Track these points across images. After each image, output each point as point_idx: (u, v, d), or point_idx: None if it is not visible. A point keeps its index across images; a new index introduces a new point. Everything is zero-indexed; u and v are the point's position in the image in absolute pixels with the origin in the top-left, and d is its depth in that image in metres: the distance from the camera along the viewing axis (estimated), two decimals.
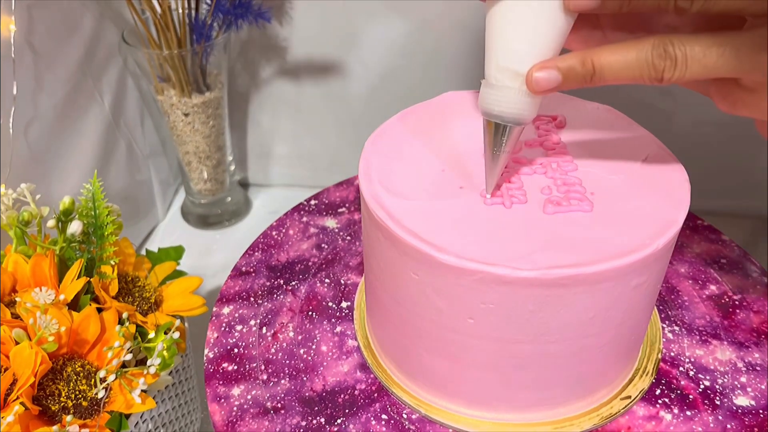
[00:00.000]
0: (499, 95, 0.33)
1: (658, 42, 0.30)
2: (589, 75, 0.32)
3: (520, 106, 0.33)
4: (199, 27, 0.60)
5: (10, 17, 0.50)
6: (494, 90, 0.33)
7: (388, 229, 0.34)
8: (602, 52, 0.31)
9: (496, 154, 0.35)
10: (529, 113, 0.34)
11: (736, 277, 0.48)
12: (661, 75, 0.31)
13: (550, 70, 0.32)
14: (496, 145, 0.35)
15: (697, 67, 0.30)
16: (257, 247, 0.52)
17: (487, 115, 0.34)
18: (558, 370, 0.36)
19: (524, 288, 0.32)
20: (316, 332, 0.45)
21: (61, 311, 0.39)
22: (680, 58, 0.30)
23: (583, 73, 0.32)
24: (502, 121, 0.34)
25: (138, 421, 0.41)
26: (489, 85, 0.34)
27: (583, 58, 0.31)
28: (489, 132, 0.35)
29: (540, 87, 0.32)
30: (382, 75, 0.69)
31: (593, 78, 0.32)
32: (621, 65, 0.31)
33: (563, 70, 0.32)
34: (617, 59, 0.31)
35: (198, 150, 0.68)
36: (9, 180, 0.51)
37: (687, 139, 0.67)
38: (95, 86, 0.62)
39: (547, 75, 0.32)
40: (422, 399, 0.40)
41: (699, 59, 0.30)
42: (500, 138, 0.34)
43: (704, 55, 0.30)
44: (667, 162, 0.38)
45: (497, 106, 0.33)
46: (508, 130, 0.34)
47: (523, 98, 0.33)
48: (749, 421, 0.39)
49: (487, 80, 0.34)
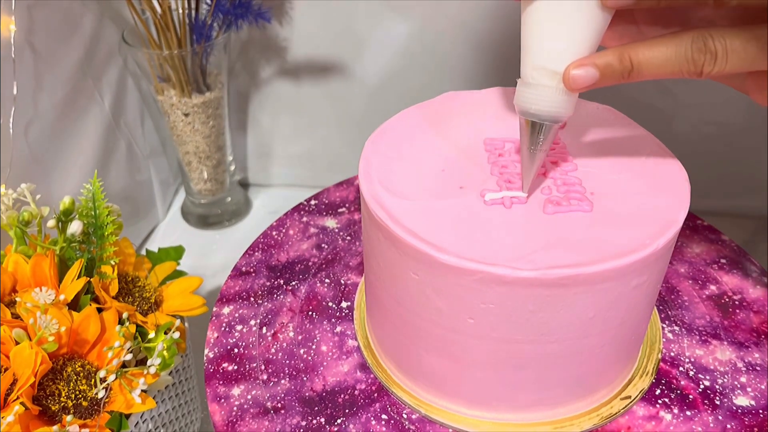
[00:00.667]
0: (536, 94, 0.33)
1: (697, 36, 0.30)
2: (627, 71, 0.32)
3: (557, 105, 0.33)
4: (199, 27, 0.60)
5: (10, 17, 0.50)
6: (531, 89, 0.33)
7: (388, 229, 0.34)
8: (640, 48, 0.31)
9: (533, 152, 0.35)
10: (566, 111, 0.34)
11: (736, 277, 0.48)
12: (701, 69, 0.30)
13: (587, 67, 0.32)
14: (533, 144, 0.35)
15: (737, 61, 0.30)
16: (257, 247, 0.52)
17: (525, 114, 0.34)
18: (558, 370, 0.36)
19: (524, 288, 0.32)
20: (316, 332, 0.45)
21: (61, 311, 0.39)
22: (720, 51, 0.30)
23: (621, 70, 0.32)
24: (539, 119, 0.34)
25: (138, 421, 0.41)
26: (525, 84, 0.34)
27: (620, 55, 0.31)
28: (526, 131, 0.35)
29: (577, 84, 0.32)
30: (382, 75, 0.69)
31: (631, 74, 0.32)
32: (660, 60, 0.31)
33: (600, 66, 0.32)
34: (655, 55, 0.31)
35: (198, 150, 0.68)
36: (9, 180, 0.51)
37: (687, 139, 0.68)
38: (95, 86, 0.62)
39: (584, 72, 0.32)
40: (422, 399, 0.40)
41: (739, 52, 0.30)
42: (537, 136, 0.34)
43: (744, 49, 0.30)
44: (667, 162, 0.38)
45: (534, 104, 0.33)
46: (545, 129, 0.34)
47: (560, 96, 0.33)
48: (749, 421, 0.39)
49: (523, 79, 0.34)
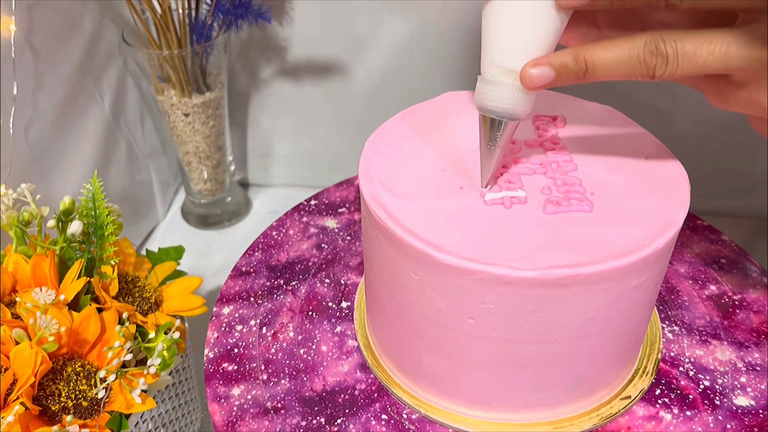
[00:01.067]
0: (494, 91, 0.34)
1: (649, 39, 0.30)
2: (581, 72, 0.32)
3: (514, 102, 0.34)
4: (199, 27, 0.60)
5: (10, 17, 0.50)
6: (489, 85, 0.34)
7: (388, 229, 0.34)
8: (595, 49, 0.32)
9: (491, 148, 0.35)
10: (523, 108, 0.34)
11: (736, 277, 0.48)
12: (653, 72, 0.31)
13: (543, 66, 0.32)
14: (491, 140, 0.35)
15: (688, 65, 0.30)
16: (257, 247, 0.52)
17: (482, 110, 0.35)
18: (558, 370, 0.36)
19: (524, 288, 0.32)
20: (316, 332, 0.45)
21: (62, 311, 0.39)
22: (671, 55, 0.30)
23: (576, 70, 0.32)
24: (497, 116, 0.35)
25: (138, 421, 0.41)
26: (484, 81, 0.34)
27: (576, 55, 0.32)
28: (484, 126, 0.35)
29: (533, 83, 0.33)
30: (383, 75, 0.69)
31: (586, 75, 0.32)
32: (613, 62, 0.31)
33: (556, 66, 0.32)
34: (609, 56, 0.31)
35: (198, 150, 0.68)
36: (9, 180, 0.51)
37: (687, 139, 0.67)
38: (95, 86, 0.62)
39: (540, 71, 0.32)
40: (422, 399, 0.40)
41: (690, 56, 0.30)
42: (495, 132, 0.35)
43: (695, 52, 0.30)
44: (667, 162, 0.38)
45: (491, 101, 0.34)
46: (502, 125, 0.35)
47: (517, 94, 0.33)
48: (749, 421, 0.39)
49: (482, 76, 0.34)
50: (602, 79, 0.32)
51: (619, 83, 0.60)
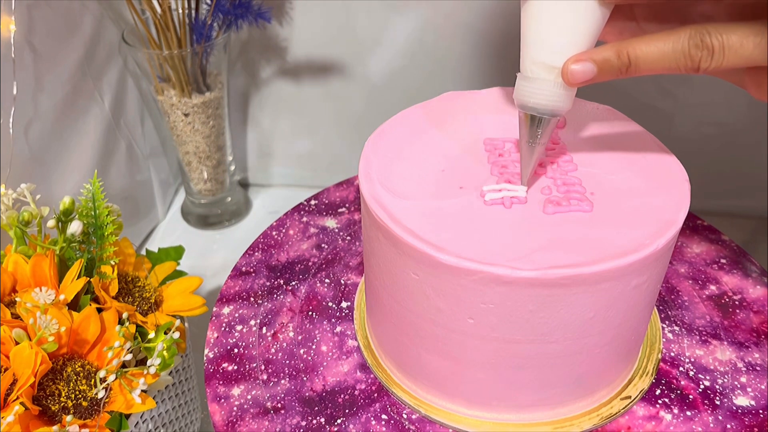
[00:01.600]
0: (535, 87, 0.34)
1: (694, 32, 0.30)
2: (624, 66, 0.32)
3: (555, 98, 0.34)
4: (199, 27, 0.60)
5: (10, 17, 0.50)
6: (529, 82, 0.34)
7: (388, 229, 0.34)
8: (638, 44, 0.31)
9: (532, 145, 0.35)
10: (564, 104, 0.34)
11: (736, 277, 0.48)
12: (698, 65, 0.31)
13: (585, 62, 0.32)
14: (531, 137, 0.35)
15: (734, 57, 0.30)
16: (257, 247, 0.52)
17: (523, 107, 0.35)
18: (558, 370, 0.36)
19: (524, 288, 0.32)
20: (316, 332, 0.45)
21: (61, 311, 0.39)
22: (717, 47, 0.30)
23: (619, 65, 0.32)
24: (537, 113, 0.34)
25: (138, 421, 0.41)
26: (524, 78, 0.34)
27: (618, 50, 0.32)
28: (525, 124, 0.35)
29: (575, 79, 0.32)
30: (383, 75, 0.69)
31: (629, 69, 0.32)
32: (656, 56, 0.31)
33: (599, 62, 0.32)
34: (652, 50, 0.31)
35: (198, 150, 0.68)
36: (9, 180, 0.51)
37: (687, 139, 0.68)
38: (95, 86, 0.62)
39: (582, 67, 0.32)
40: (422, 399, 0.40)
41: (736, 48, 0.30)
42: (536, 129, 0.35)
43: (741, 45, 0.30)
44: (667, 162, 0.38)
45: (532, 98, 0.34)
46: (543, 122, 0.35)
47: (558, 90, 0.33)
48: (749, 421, 0.39)
49: (522, 73, 0.34)
50: (645, 73, 0.32)
51: (620, 83, 0.60)
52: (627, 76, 0.32)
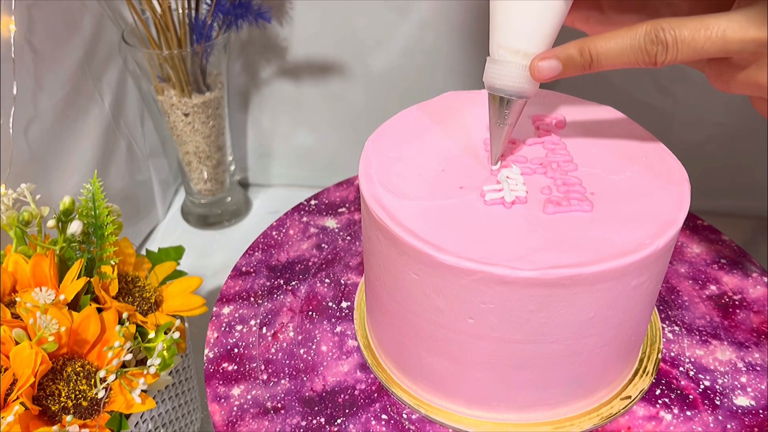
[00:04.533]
0: (501, 70, 0.36)
1: (650, 28, 0.32)
2: (587, 63, 0.34)
3: (521, 80, 0.35)
4: (199, 27, 0.60)
5: (10, 17, 0.50)
6: (497, 65, 0.36)
7: (388, 229, 0.34)
8: (598, 41, 0.33)
9: (500, 126, 0.37)
10: (529, 87, 0.36)
11: (736, 277, 0.48)
12: (654, 59, 0.32)
13: (550, 59, 0.34)
14: (499, 118, 0.37)
15: (687, 50, 0.32)
16: (257, 247, 0.52)
17: (491, 89, 0.37)
18: (558, 370, 0.36)
19: (524, 288, 0.32)
20: (316, 332, 0.45)
21: (61, 311, 0.39)
22: (671, 42, 0.32)
23: (582, 62, 0.34)
24: (505, 94, 0.36)
25: (138, 421, 0.41)
26: (492, 61, 0.36)
27: (580, 47, 0.34)
28: (493, 105, 0.37)
29: (542, 75, 0.35)
30: (382, 75, 0.69)
31: (591, 65, 0.34)
32: (616, 52, 0.33)
33: (563, 59, 0.34)
34: (612, 46, 0.33)
35: (198, 150, 0.68)
36: (9, 180, 0.51)
37: (687, 139, 0.68)
38: (95, 86, 0.62)
39: (548, 64, 0.34)
40: (422, 399, 0.40)
41: (688, 42, 0.31)
42: (503, 110, 0.37)
43: (693, 38, 0.31)
44: (667, 162, 0.38)
45: (499, 80, 0.36)
46: (510, 103, 0.36)
47: (523, 73, 0.35)
48: (749, 421, 0.39)
49: (490, 57, 0.36)
50: (607, 68, 0.34)
51: (620, 83, 0.60)
52: (590, 72, 0.34)
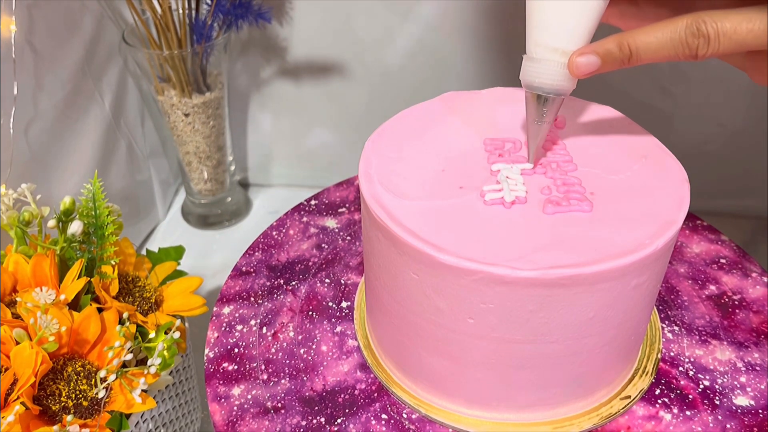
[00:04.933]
0: (539, 68, 0.35)
1: (690, 21, 0.32)
2: (626, 57, 0.34)
3: (559, 78, 0.35)
4: (200, 27, 0.60)
5: (10, 17, 0.50)
6: (534, 63, 0.36)
7: (388, 229, 0.34)
8: (638, 35, 0.33)
9: (538, 124, 0.37)
10: (567, 84, 0.36)
11: (736, 277, 0.48)
12: (696, 52, 0.32)
13: (589, 55, 0.34)
14: (537, 116, 0.37)
15: (729, 43, 0.32)
16: (257, 247, 0.52)
17: (529, 87, 0.37)
18: (558, 370, 0.36)
19: (524, 288, 0.32)
20: (316, 332, 0.45)
21: (62, 311, 0.39)
22: (713, 34, 0.32)
23: (621, 56, 0.34)
24: (543, 92, 0.36)
25: (138, 421, 0.41)
26: (530, 59, 0.36)
27: (619, 42, 0.33)
28: (531, 103, 0.37)
29: (581, 71, 0.34)
30: (382, 75, 0.69)
31: (630, 59, 0.34)
32: (656, 45, 0.33)
33: (601, 54, 0.34)
34: (652, 40, 0.33)
35: (198, 150, 0.68)
36: (9, 180, 0.51)
37: (687, 139, 0.68)
38: (95, 86, 0.62)
39: (586, 60, 0.34)
40: (422, 399, 0.40)
41: (730, 35, 0.31)
42: (541, 108, 0.37)
43: (735, 31, 0.31)
44: (667, 162, 0.38)
45: (537, 77, 0.36)
46: (549, 101, 0.36)
47: (561, 70, 0.35)
48: (749, 421, 0.39)
49: (528, 54, 0.36)
50: (646, 62, 0.34)
51: (620, 83, 0.60)
52: (630, 66, 0.34)
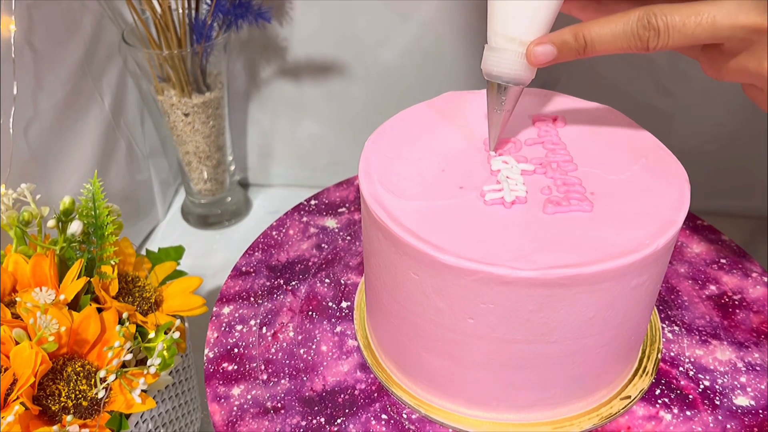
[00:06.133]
0: (498, 57, 0.37)
1: (642, 14, 0.33)
2: (581, 48, 0.35)
3: (517, 67, 0.36)
4: (199, 27, 0.60)
5: (10, 17, 0.50)
6: (494, 53, 0.37)
7: (388, 229, 0.34)
8: (592, 26, 0.34)
9: (498, 112, 0.38)
10: (525, 74, 0.37)
11: (736, 277, 0.48)
12: (647, 44, 0.33)
13: (546, 44, 0.35)
14: (497, 104, 0.38)
15: (678, 36, 0.32)
16: (257, 247, 0.52)
17: (488, 76, 0.38)
18: (558, 370, 0.36)
19: (524, 288, 0.32)
20: (316, 332, 0.45)
21: (62, 311, 0.39)
22: (662, 27, 0.32)
23: (576, 47, 0.35)
24: (501, 80, 0.37)
25: (138, 421, 0.41)
26: (490, 49, 0.37)
27: (575, 33, 0.34)
28: (491, 92, 0.38)
29: (538, 60, 0.36)
30: (382, 75, 0.69)
31: (585, 50, 0.35)
32: (609, 37, 0.34)
33: (558, 44, 0.35)
34: (605, 32, 0.34)
35: (198, 150, 0.68)
36: (9, 180, 0.51)
37: (687, 139, 0.68)
38: (95, 86, 0.62)
39: (543, 49, 0.35)
40: (422, 399, 0.40)
41: (679, 28, 0.32)
42: (500, 97, 0.37)
43: (684, 24, 0.32)
44: (667, 162, 0.38)
45: (496, 67, 0.37)
46: (507, 90, 0.37)
47: (519, 60, 0.36)
48: (749, 421, 0.39)
49: (488, 45, 0.37)
50: (601, 53, 0.34)
51: (620, 83, 0.60)
52: (585, 57, 0.35)
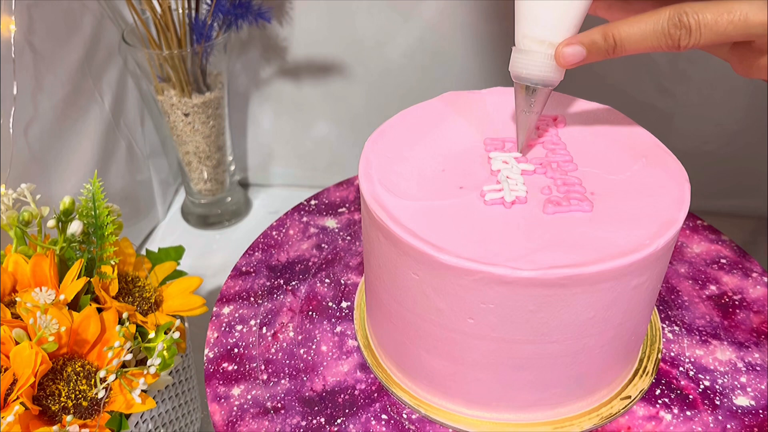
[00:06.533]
0: (527, 59, 0.37)
1: (672, 12, 0.33)
2: (611, 48, 0.34)
3: (546, 69, 0.36)
4: (199, 27, 0.60)
5: (10, 17, 0.50)
6: (522, 55, 0.37)
7: (388, 229, 0.34)
8: (622, 26, 0.34)
9: (526, 114, 0.38)
10: (554, 75, 0.37)
11: (736, 277, 0.48)
12: (678, 42, 0.33)
13: (575, 45, 0.35)
14: (525, 106, 0.38)
15: (710, 34, 0.32)
16: (257, 247, 0.52)
17: (518, 78, 0.38)
18: (558, 370, 0.36)
19: (524, 288, 0.32)
20: (316, 332, 0.45)
21: (62, 311, 0.39)
22: (694, 26, 0.32)
23: (605, 47, 0.34)
24: (530, 83, 0.37)
25: (138, 421, 0.41)
26: (518, 51, 0.37)
27: (604, 32, 0.34)
28: (519, 94, 0.38)
29: (567, 61, 0.35)
30: (382, 75, 0.69)
31: (615, 50, 0.34)
32: (639, 36, 0.33)
33: (587, 44, 0.35)
34: (635, 31, 0.33)
35: (198, 150, 0.68)
36: (9, 180, 0.51)
37: (687, 139, 0.68)
38: (95, 86, 0.62)
39: (572, 50, 0.35)
40: (422, 399, 0.40)
41: (711, 26, 0.32)
42: (529, 99, 0.37)
43: (716, 22, 0.32)
44: (667, 162, 0.38)
45: (525, 69, 0.37)
46: (536, 92, 0.37)
47: (548, 62, 0.36)
48: (749, 421, 0.39)
49: (516, 47, 0.37)
50: (630, 53, 0.34)
51: (620, 83, 0.60)
52: (614, 56, 0.35)
